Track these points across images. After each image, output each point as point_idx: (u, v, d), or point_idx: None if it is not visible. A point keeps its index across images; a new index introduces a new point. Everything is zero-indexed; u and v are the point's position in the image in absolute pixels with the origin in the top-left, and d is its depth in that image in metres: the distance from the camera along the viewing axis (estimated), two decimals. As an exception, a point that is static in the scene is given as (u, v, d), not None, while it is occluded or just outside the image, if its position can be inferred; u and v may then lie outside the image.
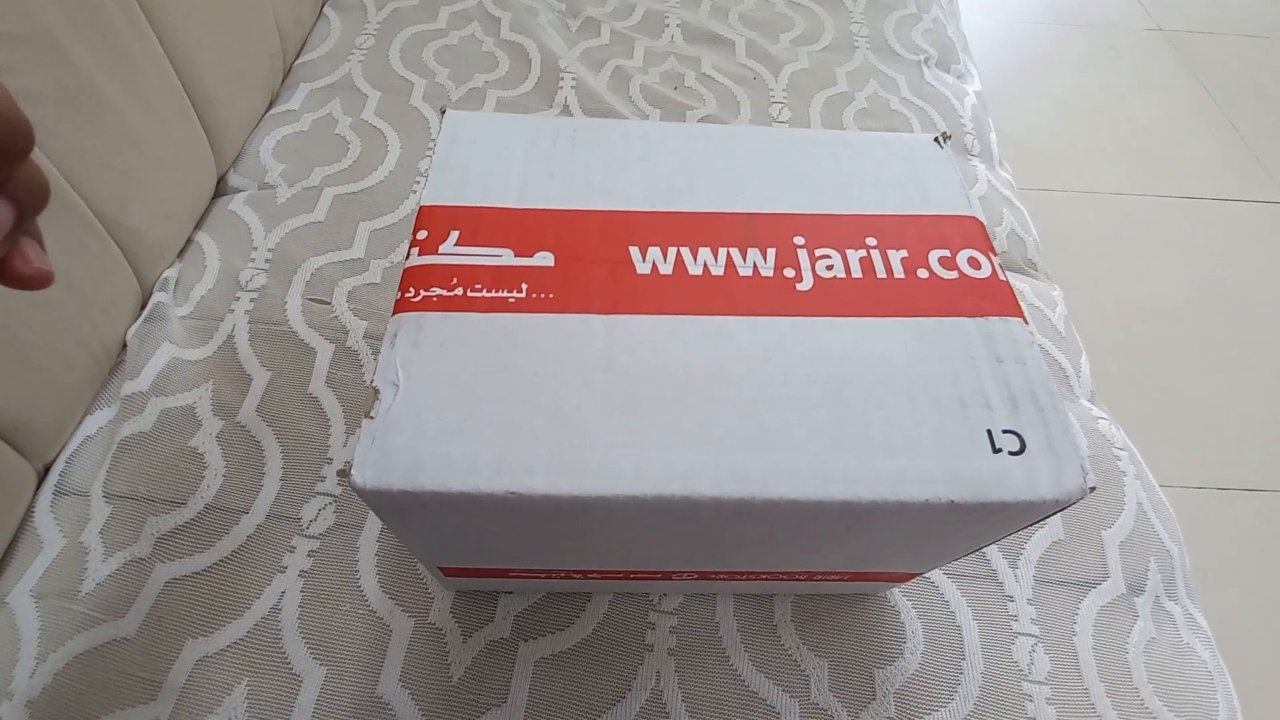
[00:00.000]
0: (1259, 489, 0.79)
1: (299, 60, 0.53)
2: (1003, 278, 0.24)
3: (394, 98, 0.50)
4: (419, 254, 0.22)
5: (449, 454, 0.18)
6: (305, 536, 0.33)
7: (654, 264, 0.22)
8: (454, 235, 0.22)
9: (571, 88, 0.51)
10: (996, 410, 0.21)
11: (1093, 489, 0.20)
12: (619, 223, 0.23)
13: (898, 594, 0.33)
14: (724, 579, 0.29)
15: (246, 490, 0.33)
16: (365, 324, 0.39)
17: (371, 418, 0.18)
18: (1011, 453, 0.20)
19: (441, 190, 0.23)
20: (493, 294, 0.21)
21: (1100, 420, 0.40)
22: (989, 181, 0.51)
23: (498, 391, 0.19)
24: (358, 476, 0.18)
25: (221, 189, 0.46)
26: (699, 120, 0.51)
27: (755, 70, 0.54)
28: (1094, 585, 0.34)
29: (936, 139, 0.28)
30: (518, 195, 0.24)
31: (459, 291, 0.21)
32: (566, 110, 0.50)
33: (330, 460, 0.35)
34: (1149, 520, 0.36)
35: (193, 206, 0.43)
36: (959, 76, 0.58)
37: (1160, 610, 0.34)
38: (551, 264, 0.22)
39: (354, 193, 0.45)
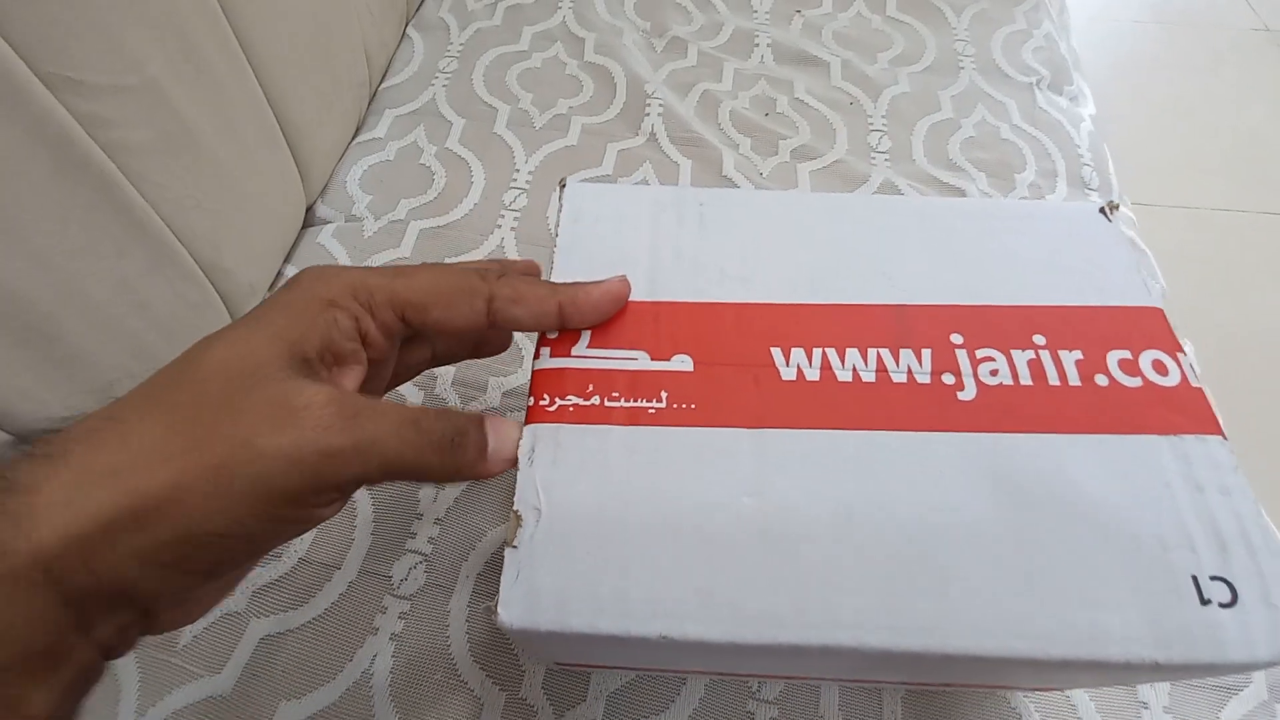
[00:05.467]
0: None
1: (383, 85, 0.52)
2: (1195, 384, 0.21)
3: (478, 125, 0.49)
4: (550, 355, 0.20)
5: (598, 592, 0.17)
6: (396, 596, 0.32)
7: (799, 368, 0.20)
8: (586, 335, 0.20)
9: (659, 114, 0.49)
10: (1202, 552, 0.18)
11: (1330, 662, 0.17)
12: (757, 317, 0.21)
13: (1020, 694, 0.30)
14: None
15: (338, 544, 0.33)
16: (453, 370, 0.38)
17: (515, 547, 0.17)
18: (1222, 604, 0.18)
19: (568, 279, 0.22)
20: (632, 404, 0.19)
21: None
22: (1108, 220, 0.47)
23: (645, 518, 0.18)
24: (504, 616, 0.16)
25: (309, 220, 0.46)
26: (792, 151, 0.48)
27: (852, 94, 0.51)
28: (1235, 692, 0.31)
29: (1102, 210, 0.25)
30: (648, 287, 0.22)
31: (596, 400, 0.19)
32: (653, 138, 0.48)
33: (420, 516, 0.34)
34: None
35: (282, 240, 0.43)
36: (1072, 99, 0.54)
37: (1316, 724, 0.30)
38: (690, 369, 0.20)
39: (439, 227, 0.44)
